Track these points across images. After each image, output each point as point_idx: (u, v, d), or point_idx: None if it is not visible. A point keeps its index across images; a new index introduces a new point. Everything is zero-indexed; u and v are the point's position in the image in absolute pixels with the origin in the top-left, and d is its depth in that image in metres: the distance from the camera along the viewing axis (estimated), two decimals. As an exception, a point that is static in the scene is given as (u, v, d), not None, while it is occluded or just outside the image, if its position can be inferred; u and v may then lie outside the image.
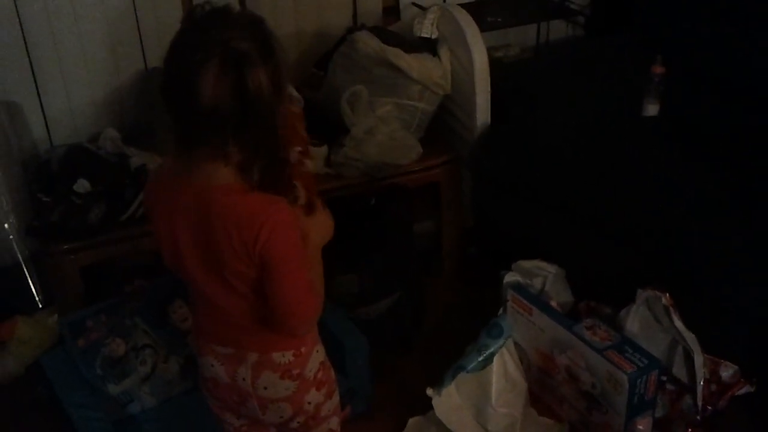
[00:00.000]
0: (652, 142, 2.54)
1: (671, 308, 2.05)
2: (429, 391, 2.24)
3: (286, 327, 1.46)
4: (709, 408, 2.05)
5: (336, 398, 1.68)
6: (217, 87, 1.28)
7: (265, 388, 1.53)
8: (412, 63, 2.67)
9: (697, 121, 2.60)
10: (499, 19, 3.24)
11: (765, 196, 2.22)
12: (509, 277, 2.35)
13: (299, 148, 1.58)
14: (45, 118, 2.78)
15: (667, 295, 2.07)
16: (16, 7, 2.60)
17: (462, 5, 2.91)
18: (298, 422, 1.60)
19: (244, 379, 1.53)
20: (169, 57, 1.34)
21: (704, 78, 2.76)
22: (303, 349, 1.54)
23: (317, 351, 1.59)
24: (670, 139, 2.54)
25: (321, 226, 1.55)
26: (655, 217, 2.27)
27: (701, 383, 2.02)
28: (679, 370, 2.10)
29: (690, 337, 2.03)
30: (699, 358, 2.02)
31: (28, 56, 2.68)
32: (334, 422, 1.70)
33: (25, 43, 2.66)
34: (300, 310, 1.44)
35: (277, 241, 1.37)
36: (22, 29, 2.64)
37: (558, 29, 3.54)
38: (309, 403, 1.58)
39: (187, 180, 1.40)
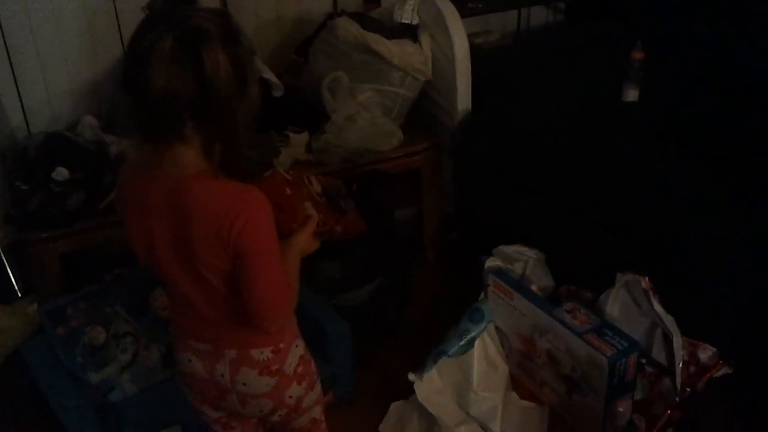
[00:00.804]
0: (631, 128, 2.55)
1: (650, 291, 2.07)
2: (411, 376, 2.25)
3: (259, 321, 1.42)
4: (688, 389, 2.07)
5: (318, 389, 1.67)
6: (172, 65, 1.25)
7: (244, 384, 1.52)
8: (392, 49, 2.66)
9: (676, 107, 2.61)
10: (480, 5, 3.25)
11: (752, 180, 2.23)
12: (490, 262, 2.36)
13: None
14: (22, 105, 2.76)
15: (647, 278, 2.08)
16: (-9, -7, 2.58)
17: (442, -9, 2.90)
18: (280, 415, 1.60)
19: (222, 375, 1.51)
20: (128, 44, 1.31)
21: (684, 64, 2.78)
22: (282, 345, 1.52)
23: (296, 346, 1.57)
24: (650, 124, 2.55)
25: (309, 237, 1.55)
26: (635, 203, 2.28)
27: (680, 365, 2.04)
28: (658, 353, 2.11)
29: (669, 320, 2.05)
30: (678, 341, 2.04)
31: (5, 43, 2.65)
32: (317, 411, 1.70)
33: (2, 30, 2.63)
34: (274, 303, 1.41)
35: (252, 232, 1.34)
36: (-2, 16, 2.62)
37: (539, 15, 3.55)
38: (290, 397, 1.57)
39: (157, 172, 1.37)
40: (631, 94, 2.66)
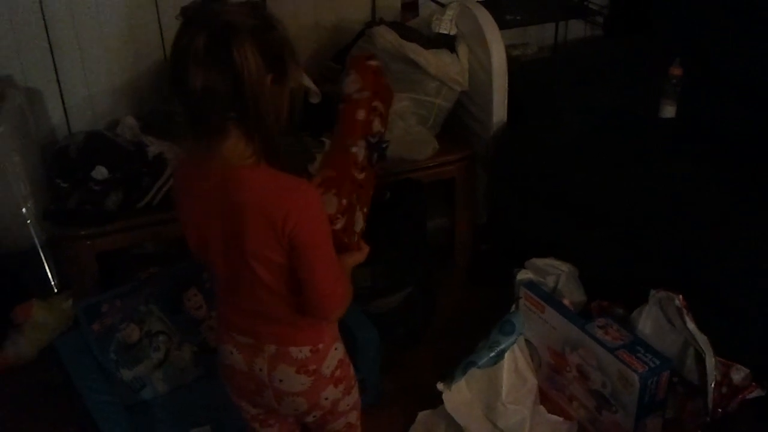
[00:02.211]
0: (668, 144, 2.54)
1: (684, 309, 2.05)
2: (439, 386, 2.25)
3: (323, 310, 1.46)
4: (720, 410, 2.04)
5: (355, 394, 1.68)
6: (207, 64, 1.28)
7: (281, 381, 1.53)
8: (429, 59, 2.67)
9: (714, 124, 2.59)
10: (518, 18, 3.25)
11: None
12: (522, 275, 2.35)
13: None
14: (64, 104, 2.80)
15: (681, 296, 2.06)
16: (38, -7, 2.62)
17: (481, 2, 2.91)
18: (314, 416, 1.61)
19: (261, 370, 1.53)
20: (171, 47, 1.35)
21: (722, 80, 2.75)
22: (321, 346, 1.54)
23: (336, 348, 1.58)
24: (687, 141, 2.53)
25: (359, 258, 1.61)
26: (670, 218, 2.27)
27: (712, 385, 2.02)
28: (690, 372, 2.10)
29: (702, 339, 2.03)
30: (711, 360, 2.02)
31: (49, 43, 2.70)
32: (353, 416, 1.70)
33: (46, 29, 2.68)
34: (334, 291, 1.45)
35: (307, 224, 1.38)
36: (43, 16, 2.66)
37: (576, 29, 3.54)
38: (326, 399, 1.58)
39: (208, 166, 1.41)
40: (668, 110, 2.64)
